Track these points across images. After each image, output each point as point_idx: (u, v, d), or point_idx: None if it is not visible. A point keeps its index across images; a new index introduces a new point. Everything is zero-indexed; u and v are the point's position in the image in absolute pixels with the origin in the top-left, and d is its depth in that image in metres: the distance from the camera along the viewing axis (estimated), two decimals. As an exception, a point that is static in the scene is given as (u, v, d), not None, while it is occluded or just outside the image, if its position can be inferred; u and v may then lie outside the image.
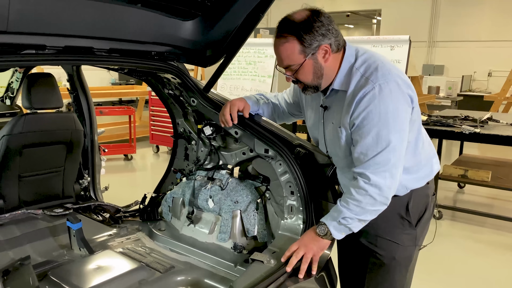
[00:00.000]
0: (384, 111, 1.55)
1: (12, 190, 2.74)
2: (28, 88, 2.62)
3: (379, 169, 1.59)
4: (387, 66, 1.62)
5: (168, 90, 2.47)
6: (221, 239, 2.27)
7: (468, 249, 3.97)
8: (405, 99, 1.60)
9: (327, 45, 1.60)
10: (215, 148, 2.42)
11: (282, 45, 1.61)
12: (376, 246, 1.82)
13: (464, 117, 4.55)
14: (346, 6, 15.04)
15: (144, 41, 2.07)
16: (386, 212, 1.70)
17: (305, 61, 1.61)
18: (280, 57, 1.64)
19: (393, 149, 1.57)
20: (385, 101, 1.55)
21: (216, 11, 2.05)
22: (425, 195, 1.84)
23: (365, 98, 1.57)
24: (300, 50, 1.59)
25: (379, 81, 1.56)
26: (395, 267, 1.82)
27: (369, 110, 1.56)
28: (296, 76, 1.67)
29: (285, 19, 1.62)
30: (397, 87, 1.57)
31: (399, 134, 1.58)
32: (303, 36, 1.56)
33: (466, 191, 5.68)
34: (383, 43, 4.22)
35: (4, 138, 2.57)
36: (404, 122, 1.60)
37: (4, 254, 2.26)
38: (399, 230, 1.80)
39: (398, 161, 1.61)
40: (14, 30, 1.59)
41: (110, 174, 5.67)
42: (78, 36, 1.82)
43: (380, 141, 1.57)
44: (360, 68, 1.62)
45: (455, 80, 9.96)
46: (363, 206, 1.63)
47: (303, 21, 1.57)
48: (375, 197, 1.61)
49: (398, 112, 1.57)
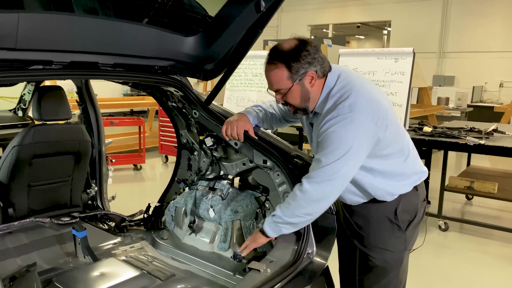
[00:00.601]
0: (339, 137, 1.67)
1: (21, 199, 2.83)
2: (38, 100, 2.72)
3: (314, 180, 1.73)
4: (360, 94, 1.72)
5: (171, 103, 2.55)
6: (221, 248, 2.32)
7: (474, 261, 3.95)
8: (365, 130, 1.69)
9: (313, 72, 1.74)
10: (217, 159, 2.48)
11: (272, 71, 1.75)
12: (369, 249, 1.95)
13: (470, 129, 4.55)
14: (356, 18, 15.12)
15: (148, 56, 2.16)
16: (377, 216, 1.88)
17: (293, 86, 1.75)
18: (271, 81, 1.79)
19: (334, 170, 1.69)
20: (343, 129, 1.67)
21: (217, 28, 2.13)
22: (414, 201, 1.93)
23: (328, 122, 1.71)
24: (288, 76, 1.73)
25: (344, 111, 1.68)
26: (387, 268, 1.95)
27: (329, 131, 1.69)
28: (285, 99, 1.81)
29: (275, 47, 1.77)
30: (360, 118, 1.67)
31: (347, 162, 1.68)
32: (291, 63, 1.71)
33: (474, 203, 5.64)
34: (387, 55, 4.26)
35: (14, 149, 2.66)
36: (357, 152, 1.69)
37: (12, 261, 2.34)
38: (389, 233, 1.91)
39: (335, 182, 1.72)
40: (23, 47, 1.68)
41: (119, 184, 5.78)
42: (84, 52, 1.91)
43: (327, 159, 1.69)
44: (335, 95, 1.76)
45: (465, 91, 9.91)
46: (292, 209, 1.79)
47: (291, 50, 1.72)
48: (300, 202, 1.76)
49: (352, 141, 1.67)
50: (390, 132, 1.75)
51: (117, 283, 2.05)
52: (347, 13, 14.97)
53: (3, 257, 2.33)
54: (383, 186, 1.85)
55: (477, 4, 12.26)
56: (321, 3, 14.96)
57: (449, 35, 12.90)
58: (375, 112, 1.70)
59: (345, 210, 2.01)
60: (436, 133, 4.38)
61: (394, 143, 1.81)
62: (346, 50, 4.64)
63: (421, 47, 12.58)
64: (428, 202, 5.42)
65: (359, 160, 1.72)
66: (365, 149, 1.72)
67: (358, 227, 1.97)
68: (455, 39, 12.79)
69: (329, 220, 2.05)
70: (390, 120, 1.76)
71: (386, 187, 1.85)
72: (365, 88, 1.75)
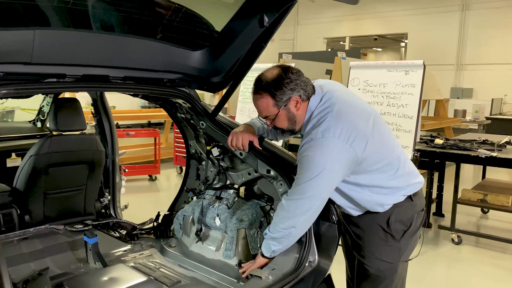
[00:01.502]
0: (311, 162, 1.77)
1: (37, 206, 2.94)
2: (55, 112, 2.84)
3: (294, 210, 1.85)
4: (336, 119, 1.79)
5: (180, 114, 2.64)
6: (227, 256, 2.37)
7: (488, 276, 3.89)
8: (338, 153, 1.76)
9: (296, 96, 1.84)
10: (223, 169, 2.55)
11: (259, 100, 1.88)
12: (364, 258, 2.00)
13: (482, 141, 4.52)
14: (372, 30, 15.16)
15: (157, 70, 2.25)
16: (371, 225, 1.94)
17: (279, 112, 1.86)
18: (259, 109, 1.91)
19: (309, 198, 1.81)
20: (315, 153, 1.76)
21: (223, 42, 2.22)
22: (409, 211, 1.95)
23: (303, 146, 1.83)
24: (273, 103, 1.85)
25: (317, 136, 1.77)
26: (380, 276, 1.99)
27: (303, 156, 1.81)
28: (273, 124, 1.93)
29: (259, 78, 1.88)
30: (331, 143, 1.75)
31: (320, 182, 1.78)
32: (275, 92, 1.82)
33: (490, 217, 5.55)
34: (397, 67, 4.28)
35: (31, 158, 2.78)
36: (330, 172, 1.77)
37: (26, 265, 2.43)
38: (382, 242, 1.95)
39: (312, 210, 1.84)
40: (38, 62, 1.80)
41: (134, 194, 5.90)
42: (95, 65, 2.02)
43: (301, 183, 1.80)
44: (313, 119, 1.85)
45: (483, 103, 9.80)
46: (274, 224, 1.92)
47: (273, 79, 1.83)
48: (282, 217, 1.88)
49: (324, 165, 1.75)
50: (371, 150, 1.79)
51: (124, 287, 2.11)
52: (363, 26, 15.03)
53: (18, 262, 2.43)
54: (372, 198, 1.90)
55: (495, 16, 12.17)
56: (337, 15, 15.06)
57: (467, 47, 12.80)
58: (351, 134, 1.75)
59: (345, 220, 2.05)
60: (447, 145, 4.37)
61: (380, 160, 1.85)
62: (357, 63, 4.68)
63: (438, 59, 12.53)
64: (442, 215, 5.41)
65: (333, 180, 1.81)
66: (340, 170, 1.79)
67: (356, 236, 2.01)
68: (473, 51, 12.68)
69: (331, 229, 2.09)
70: (372, 138, 1.80)
71: (375, 199, 1.90)
72: (343, 111, 1.81)
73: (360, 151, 1.76)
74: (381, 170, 1.86)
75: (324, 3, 14.46)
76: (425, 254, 4.23)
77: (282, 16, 2.01)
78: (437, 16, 13.06)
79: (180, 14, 2.07)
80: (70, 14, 1.81)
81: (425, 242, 4.56)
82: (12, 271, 2.22)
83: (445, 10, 12.90)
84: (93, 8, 1.89)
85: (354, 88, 4.50)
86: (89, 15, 1.89)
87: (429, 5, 13.11)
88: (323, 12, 15.20)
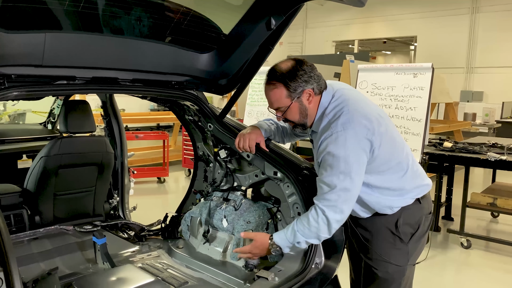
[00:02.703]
0: (337, 156, 1.74)
1: (47, 207, 2.98)
2: (65, 114, 2.88)
3: (330, 204, 1.79)
4: (352, 112, 1.79)
5: (188, 116, 2.66)
6: (234, 258, 2.38)
7: (497, 281, 3.85)
8: (361, 145, 1.76)
9: (310, 89, 1.84)
10: (231, 170, 2.56)
11: (272, 91, 1.86)
12: (372, 261, 1.98)
13: (492, 144, 4.48)
14: (381, 33, 15.12)
15: (165, 72, 2.28)
16: (379, 228, 1.93)
17: (291, 104, 1.85)
18: (271, 100, 1.89)
19: (342, 190, 1.76)
20: (339, 147, 1.75)
21: (230, 45, 2.24)
22: (417, 214, 1.95)
23: (324, 142, 1.80)
24: (286, 94, 1.84)
25: (337, 129, 1.76)
26: (388, 280, 1.97)
27: (325, 152, 1.78)
28: (284, 116, 1.91)
29: (273, 68, 1.87)
30: (352, 135, 1.75)
31: (349, 177, 1.75)
32: (289, 83, 1.81)
33: (500, 221, 5.50)
34: (406, 70, 4.28)
35: (42, 159, 2.82)
36: (356, 166, 1.76)
37: (36, 265, 2.47)
38: (390, 245, 1.94)
39: (347, 200, 1.79)
40: (49, 64, 1.83)
41: (143, 196, 5.94)
42: (105, 68, 2.05)
43: (333, 181, 1.77)
44: (329, 114, 1.85)
45: (493, 106, 9.72)
46: (312, 230, 1.84)
47: (288, 70, 1.82)
48: (322, 226, 1.82)
49: (350, 158, 1.74)
50: (385, 147, 1.80)
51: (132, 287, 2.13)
52: (372, 29, 14.99)
53: (28, 261, 2.47)
54: (381, 200, 1.90)
55: (505, 19, 12.07)
56: (346, 19, 15.05)
57: (477, 50, 12.71)
58: (369, 129, 1.76)
59: (352, 222, 2.04)
60: (456, 148, 4.34)
61: (391, 158, 1.85)
62: (365, 66, 4.67)
63: (448, 62, 12.45)
64: (451, 219, 5.37)
65: (360, 175, 1.78)
66: (362, 164, 1.78)
67: (363, 239, 2.01)
68: (483, 54, 12.59)
69: (338, 231, 2.09)
70: (385, 136, 1.81)
71: (385, 201, 1.90)
72: (358, 106, 1.82)
73: (377, 147, 1.77)
74: (391, 171, 1.87)
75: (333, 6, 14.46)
76: (434, 258, 4.20)
77: (290, 19, 2.02)
78: (447, 19, 12.98)
79: (188, 17, 2.09)
80: (80, 18, 1.84)
81: (434, 246, 4.53)
82: (22, 271, 2.23)
83: (454, 13, 12.82)
84: (102, 11, 1.92)
85: (362, 91, 4.50)
86: (98, 18, 1.92)
87: (439, 8, 13.05)
88: (331, 16, 15.20)
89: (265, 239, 1.95)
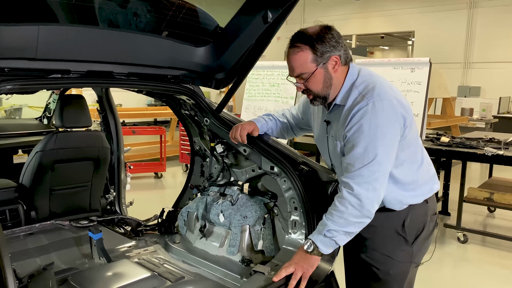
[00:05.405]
0: (374, 126, 1.65)
1: (43, 203, 2.96)
2: (60, 108, 2.86)
3: (363, 180, 1.67)
4: (385, 87, 1.74)
5: (184, 111, 2.65)
6: (230, 253, 2.37)
7: (494, 275, 3.86)
8: (397, 118, 1.70)
9: (337, 56, 1.72)
10: (227, 165, 2.55)
11: (296, 54, 1.72)
12: (373, 260, 1.89)
13: (489, 139, 4.48)
14: (379, 28, 15.07)
15: (161, 66, 2.26)
16: (384, 227, 1.82)
17: (316, 70, 1.72)
18: (293, 66, 1.74)
19: (378, 163, 1.66)
20: (376, 117, 1.66)
21: (226, 39, 2.22)
22: (423, 214, 1.89)
23: (358, 113, 1.68)
24: (312, 59, 1.70)
25: (373, 99, 1.67)
26: (389, 281, 1.89)
27: (360, 124, 1.67)
28: (306, 85, 1.77)
29: (299, 32, 1.75)
30: (390, 106, 1.68)
31: (385, 149, 1.67)
32: (316, 45, 1.69)
33: (497, 216, 5.51)
34: (403, 65, 4.27)
35: (37, 154, 2.81)
36: (392, 139, 1.69)
37: (32, 260, 2.45)
38: (395, 246, 1.87)
39: (382, 176, 1.68)
40: (42, 58, 1.81)
41: (139, 191, 5.92)
42: (100, 61, 2.03)
43: (367, 154, 1.66)
44: (360, 86, 1.74)
45: (490, 101, 9.71)
46: (346, 217, 1.68)
47: (316, 33, 1.71)
48: (356, 207, 1.67)
49: (388, 129, 1.67)
50: (412, 130, 1.75)
51: (128, 283, 2.12)
52: (370, 24, 14.95)
53: (24, 257, 2.46)
54: (393, 192, 1.80)
55: (503, 14, 12.06)
56: (344, 13, 14.99)
57: (475, 46, 12.69)
58: (403, 105, 1.71)
59: None
60: (453, 143, 4.34)
61: (411, 145, 1.79)
62: (362, 60, 4.66)
63: (446, 57, 12.43)
64: (448, 214, 5.38)
65: (393, 147, 1.69)
66: (396, 138, 1.69)
67: (364, 237, 1.89)
68: (481, 49, 12.58)
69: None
70: (412, 119, 1.76)
71: (397, 195, 1.81)
72: (387, 84, 1.76)
73: (408, 124, 1.71)
74: (407, 162, 1.79)
75: (331, 1, 14.41)
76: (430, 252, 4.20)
77: (286, 13, 2.00)
78: (445, 14, 12.95)
79: (184, 10, 2.07)
80: (75, 10, 1.82)
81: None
82: (17, 266, 2.24)
83: (452, 8, 12.79)
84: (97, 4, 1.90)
85: (360, 86, 4.48)
86: (93, 11, 1.90)
87: (437, 3, 13.01)
88: (329, 10, 15.13)
89: (299, 250, 1.81)
